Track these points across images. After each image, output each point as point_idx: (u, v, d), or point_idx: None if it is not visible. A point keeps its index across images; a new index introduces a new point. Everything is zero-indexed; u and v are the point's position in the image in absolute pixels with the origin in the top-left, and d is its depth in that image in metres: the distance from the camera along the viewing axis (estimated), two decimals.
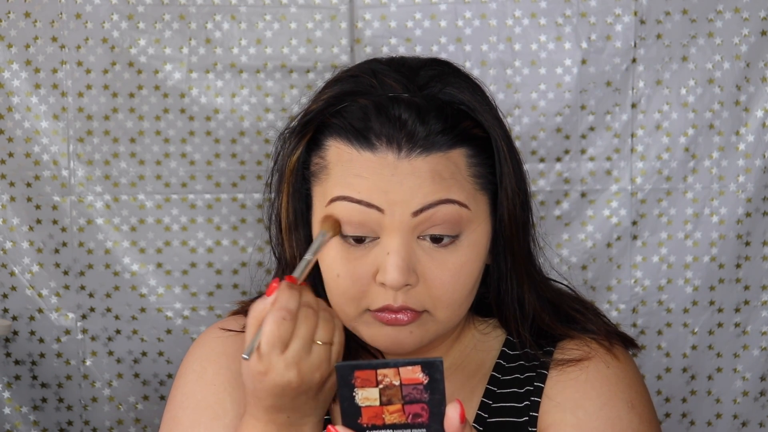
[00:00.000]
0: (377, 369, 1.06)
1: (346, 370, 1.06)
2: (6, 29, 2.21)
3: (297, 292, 1.11)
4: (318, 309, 1.13)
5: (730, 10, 2.22)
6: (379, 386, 1.06)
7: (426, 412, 1.06)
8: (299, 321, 1.11)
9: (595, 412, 1.25)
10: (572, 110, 2.25)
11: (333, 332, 1.13)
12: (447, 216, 1.20)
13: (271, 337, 1.10)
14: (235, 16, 2.24)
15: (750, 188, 2.26)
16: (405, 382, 1.05)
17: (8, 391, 2.32)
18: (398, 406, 1.06)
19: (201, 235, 2.29)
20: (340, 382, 1.06)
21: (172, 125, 2.26)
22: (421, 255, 1.21)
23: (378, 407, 1.06)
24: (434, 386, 1.05)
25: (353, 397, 1.06)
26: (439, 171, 1.20)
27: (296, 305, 1.10)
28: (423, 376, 1.05)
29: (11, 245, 2.27)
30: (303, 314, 1.11)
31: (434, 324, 1.23)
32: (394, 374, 1.05)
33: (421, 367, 1.05)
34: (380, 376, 1.06)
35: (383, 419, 1.06)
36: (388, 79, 1.24)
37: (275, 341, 1.10)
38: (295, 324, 1.10)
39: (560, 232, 2.29)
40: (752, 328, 2.31)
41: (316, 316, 1.12)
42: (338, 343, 1.14)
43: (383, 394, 1.06)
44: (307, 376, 1.12)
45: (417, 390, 1.05)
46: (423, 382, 1.05)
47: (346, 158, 1.21)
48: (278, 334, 1.09)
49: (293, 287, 1.12)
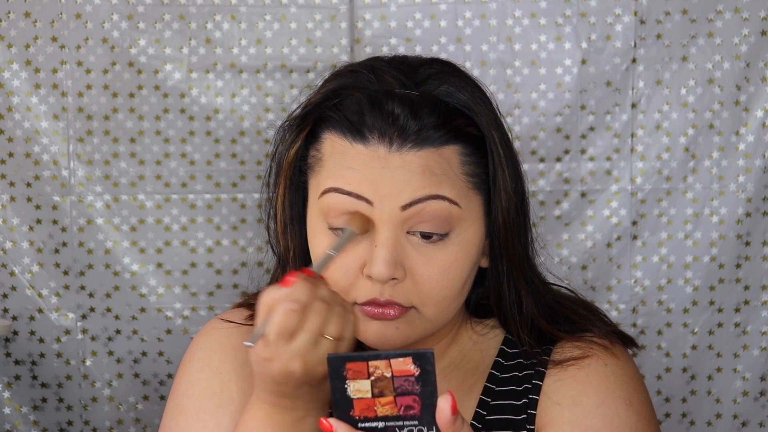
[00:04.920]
0: (369, 361, 1.06)
1: (337, 362, 1.06)
2: (6, 29, 2.21)
3: (311, 285, 1.12)
4: (332, 304, 1.12)
5: (730, 10, 2.22)
6: (371, 378, 1.06)
7: (418, 404, 1.06)
8: (310, 314, 1.10)
9: (593, 409, 1.26)
10: (572, 110, 2.25)
11: (344, 328, 1.13)
12: (436, 212, 1.20)
13: (279, 327, 1.10)
14: (235, 16, 2.24)
15: (750, 188, 2.26)
16: (396, 374, 1.06)
17: (8, 391, 2.32)
18: (390, 398, 1.06)
19: (201, 235, 2.29)
20: (331, 374, 1.06)
21: (172, 125, 2.26)
22: (409, 250, 1.21)
23: (370, 399, 1.06)
24: (426, 378, 1.05)
25: (345, 389, 1.06)
26: (431, 166, 1.20)
27: (308, 298, 1.10)
28: (414, 368, 1.05)
29: (11, 245, 2.27)
30: (315, 308, 1.11)
31: (422, 321, 1.23)
32: (385, 366, 1.06)
33: (412, 359, 1.05)
34: (372, 367, 1.06)
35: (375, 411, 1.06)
36: (386, 75, 1.25)
37: (282, 332, 1.10)
38: (306, 317, 1.10)
39: (560, 232, 2.29)
40: (752, 328, 2.31)
41: (328, 311, 1.12)
42: (348, 340, 1.13)
43: (375, 386, 1.06)
44: (311, 369, 1.12)
45: (408, 382, 1.06)
46: (414, 374, 1.05)
47: (340, 150, 1.22)
48: (286, 325, 1.09)
49: (309, 280, 1.12)
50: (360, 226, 1.20)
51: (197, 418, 1.30)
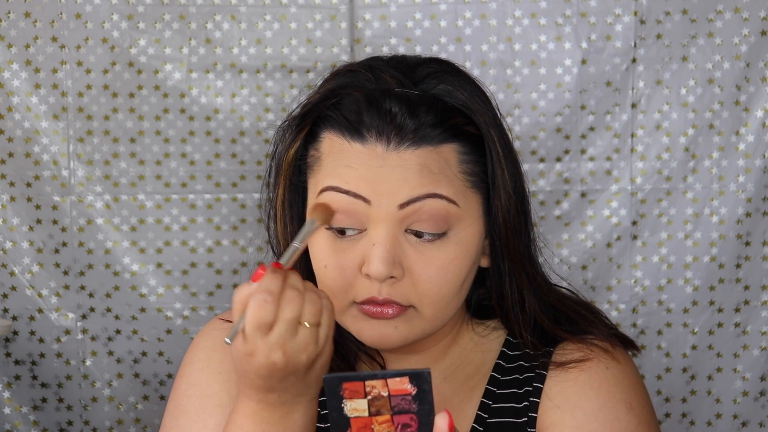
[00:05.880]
0: (365, 380, 1.06)
1: (334, 382, 1.06)
2: (6, 29, 2.21)
3: (280, 275, 1.11)
4: (304, 291, 1.12)
5: (730, 10, 2.22)
6: (368, 397, 1.06)
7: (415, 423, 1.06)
8: (283, 303, 1.10)
9: (594, 413, 1.25)
10: (572, 110, 2.25)
11: (320, 313, 1.12)
12: (434, 211, 1.20)
13: (254, 319, 1.09)
14: (235, 16, 2.24)
15: (750, 188, 2.26)
16: (393, 393, 1.05)
17: (8, 391, 2.32)
18: (387, 416, 1.06)
19: (201, 235, 2.29)
20: (328, 394, 1.06)
21: (172, 125, 2.26)
22: (407, 249, 1.21)
23: (367, 418, 1.06)
24: (423, 397, 1.05)
25: (342, 408, 1.06)
26: (428, 165, 1.20)
27: (278, 288, 1.10)
28: (411, 387, 1.05)
29: (11, 245, 2.27)
30: (287, 296, 1.10)
31: (420, 321, 1.23)
32: (382, 385, 1.06)
33: (409, 378, 1.05)
34: (368, 387, 1.06)
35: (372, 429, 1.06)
36: (384, 74, 1.25)
37: (258, 324, 1.09)
38: (279, 306, 1.10)
39: (560, 232, 2.29)
40: (752, 328, 2.31)
41: (301, 298, 1.11)
42: (326, 325, 1.13)
43: (372, 405, 1.06)
44: (294, 358, 1.11)
45: (405, 401, 1.05)
46: (411, 393, 1.05)
47: (338, 149, 1.22)
48: (261, 316, 1.09)
49: (278, 271, 1.12)
50: (322, 217, 1.20)
51: (197, 418, 1.30)
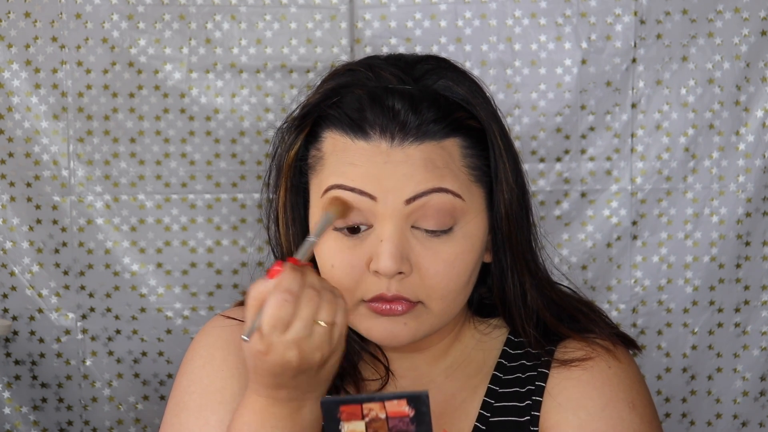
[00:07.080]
0: (363, 403, 1.06)
1: (331, 405, 1.06)
2: (6, 29, 2.21)
3: (300, 273, 1.11)
4: (321, 290, 1.12)
5: (730, 10, 2.22)
6: (365, 419, 1.06)
7: None
8: (302, 302, 1.10)
9: (597, 412, 1.26)
10: (572, 110, 2.25)
11: (335, 313, 1.12)
12: (440, 205, 1.21)
13: (273, 318, 1.09)
14: (235, 16, 2.24)
15: (750, 188, 2.26)
16: (391, 415, 1.06)
17: (8, 391, 2.32)
18: None
19: (201, 235, 2.29)
20: (325, 417, 1.06)
21: (172, 125, 2.26)
22: (415, 244, 1.21)
23: None
24: (420, 419, 1.05)
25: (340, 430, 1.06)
26: (433, 159, 1.21)
27: (299, 287, 1.10)
28: (409, 409, 1.05)
29: (11, 245, 2.27)
30: (306, 296, 1.10)
31: (429, 316, 1.23)
32: (379, 408, 1.06)
33: (407, 401, 1.05)
34: (366, 409, 1.06)
35: None
36: (384, 72, 1.25)
37: (277, 323, 1.09)
38: (298, 305, 1.10)
39: (560, 232, 2.29)
40: (752, 328, 2.31)
41: (318, 297, 1.11)
42: (341, 324, 1.13)
43: (369, 427, 1.06)
44: (308, 356, 1.11)
45: (403, 422, 1.05)
46: (409, 415, 1.05)
47: (341, 148, 1.23)
48: (280, 315, 1.09)
49: (297, 269, 1.11)
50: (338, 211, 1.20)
51: (199, 415, 1.30)
